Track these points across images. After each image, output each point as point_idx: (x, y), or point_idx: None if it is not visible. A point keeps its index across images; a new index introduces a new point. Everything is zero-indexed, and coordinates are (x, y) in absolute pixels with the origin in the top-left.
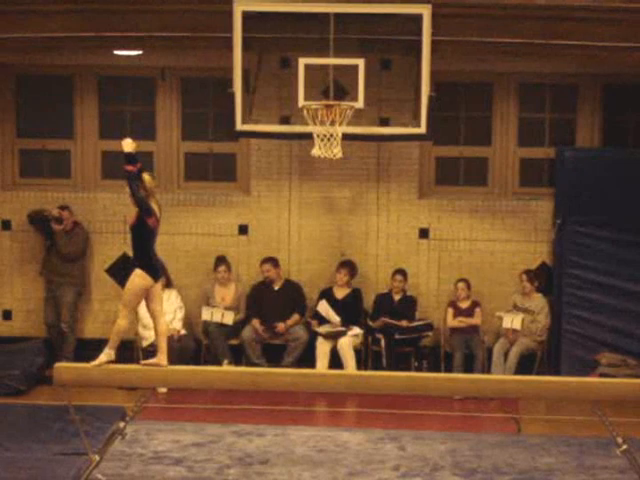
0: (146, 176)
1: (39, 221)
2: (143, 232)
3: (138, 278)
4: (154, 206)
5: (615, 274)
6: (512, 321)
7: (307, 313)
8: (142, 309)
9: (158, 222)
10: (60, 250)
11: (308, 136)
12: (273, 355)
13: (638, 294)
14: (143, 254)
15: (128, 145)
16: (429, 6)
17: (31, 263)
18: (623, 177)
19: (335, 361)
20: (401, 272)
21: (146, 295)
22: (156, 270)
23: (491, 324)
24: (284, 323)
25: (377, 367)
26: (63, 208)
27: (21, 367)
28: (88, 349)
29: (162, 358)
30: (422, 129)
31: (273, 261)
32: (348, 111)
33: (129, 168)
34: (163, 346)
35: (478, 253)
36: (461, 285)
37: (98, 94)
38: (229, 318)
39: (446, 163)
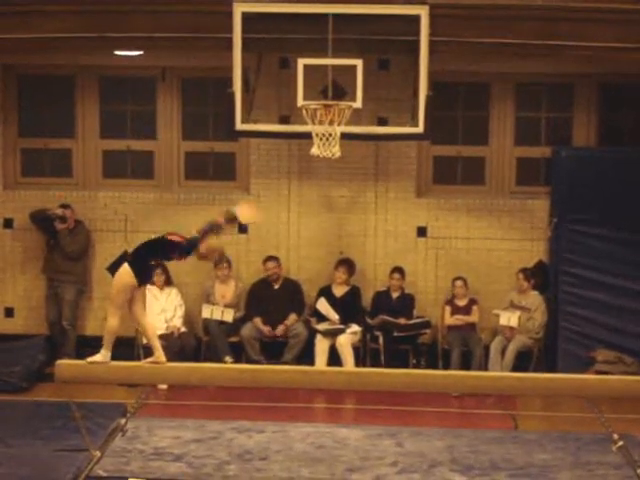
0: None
1: (42, 220)
2: (165, 250)
3: (124, 276)
4: (191, 256)
5: (611, 272)
6: (509, 319)
7: (306, 311)
8: None
9: (179, 259)
10: (64, 249)
11: (307, 136)
12: (272, 352)
13: (634, 292)
14: (142, 258)
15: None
16: (426, 7)
17: (33, 261)
18: (619, 176)
19: (334, 358)
20: (399, 270)
21: (131, 296)
22: (144, 276)
23: (488, 322)
24: (283, 325)
25: (375, 364)
26: (65, 207)
27: (23, 364)
28: (89, 346)
29: (159, 355)
30: (420, 129)
31: (276, 259)
32: (346, 111)
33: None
34: (156, 344)
35: (475, 251)
36: (458, 283)
37: (99, 94)
38: (229, 316)
39: (444, 162)
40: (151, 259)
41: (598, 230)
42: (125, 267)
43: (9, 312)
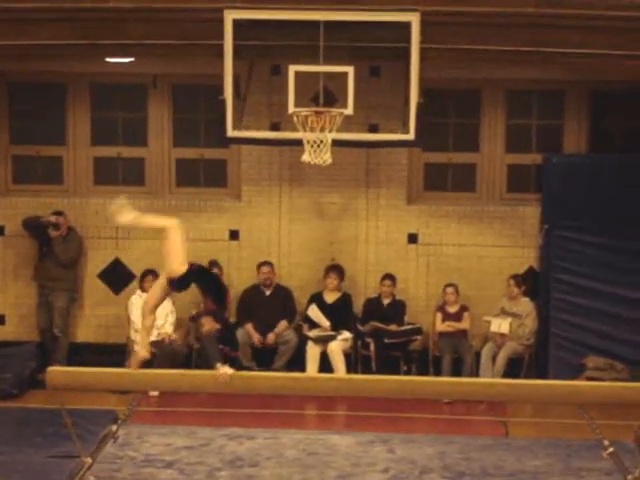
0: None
1: (35, 227)
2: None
3: (165, 276)
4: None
5: (602, 279)
6: (500, 325)
7: (297, 317)
8: (134, 313)
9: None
10: (58, 256)
11: (298, 142)
12: (263, 359)
13: (625, 299)
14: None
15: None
16: (417, 14)
17: (24, 268)
18: (610, 183)
19: (325, 365)
20: (390, 277)
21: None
22: (180, 287)
23: (479, 328)
24: (273, 334)
25: (366, 371)
26: (59, 214)
27: (14, 371)
28: (80, 353)
29: (142, 351)
30: (411, 135)
31: (271, 265)
32: (338, 118)
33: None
34: (146, 340)
35: (466, 258)
36: (449, 290)
37: (90, 101)
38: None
39: (435, 169)
40: (202, 288)
41: (589, 237)
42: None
43: (0, 319)
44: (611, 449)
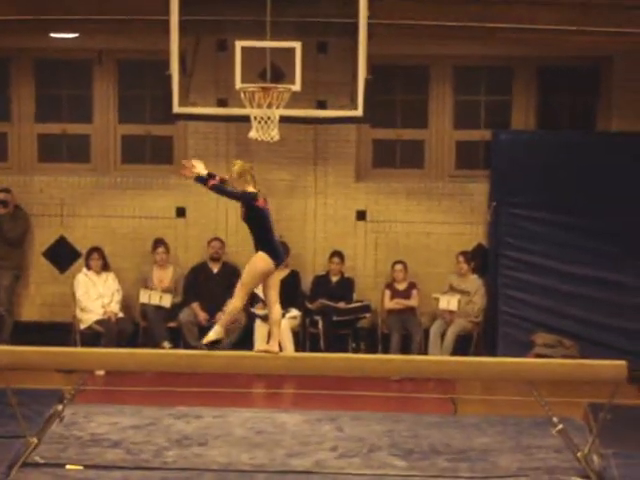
0: (238, 163)
1: None
2: (258, 218)
3: (261, 261)
4: (252, 188)
5: (550, 255)
6: (448, 302)
7: None
8: (79, 292)
9: (266, 201)
10: (5, 234)
11: (245, 119)
12: None
13: (573, 275)
14: (265, 239)
15: (201, 167)
16: None
17: None
18: (558, 159)
19: None
20: (338, 254)
21: (265, 281)
22: (279, 254)
23: (428, 305)
24: (221, 312)
25: (315, 349)
26: (6, 191)
27: None
28: (25, 332)
29: (274, 345)
30: (359, 112)
31: (221, 241)
32: (285, 94)
33: (212, 183)
34: (277, 333)
35: (415, 235)
36: (398, 267)
37: (35, 77)
38: (167, 301)
39: (383, 146)
40: (270, 230)
41: (537, 213)
42: (259, 254)
43: None
44: (560, 426)
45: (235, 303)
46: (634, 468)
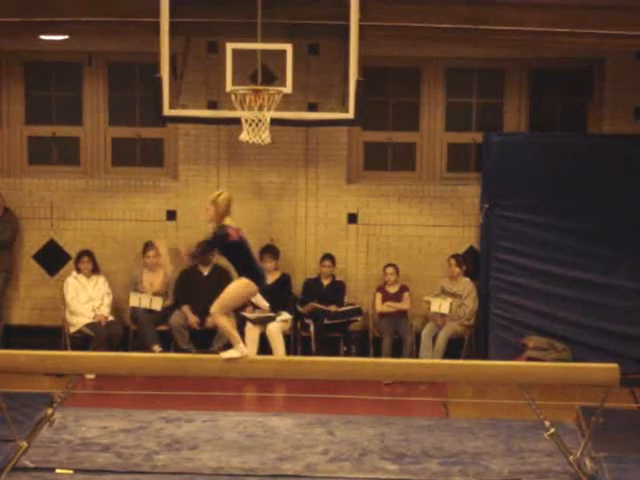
0: (224, 193)
1: None
2: (234, 252)
3: (246, 287)
4: (229, 220)
5: (542, 258)
6: (440, 305)
7: None
8: (69, 295)
9: (239, 229)
10: None
11: (236, 121)
12: (202, 341)
13: (565, 278)
14: (247, 266)
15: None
16: None
17: None
18: (549, 162)
19: (264, 347)
20: (329, 257)
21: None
22: (262, 277)
23: (419, 309)
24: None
25: (306, 352)
26: None
27: None
28: (15, 335)
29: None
30: (350, 114)
31: None
32: (276, 96)
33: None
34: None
35: (406, 238)
36: (389, 270)
37: (24, 79)
38: (157, 304)
39: (374, 148)
40: (249, 257)
41: (529, 216)
42: (242, 280)
43: None
44: (552, 430)
45: (222, 322)
46: (626, 471)
